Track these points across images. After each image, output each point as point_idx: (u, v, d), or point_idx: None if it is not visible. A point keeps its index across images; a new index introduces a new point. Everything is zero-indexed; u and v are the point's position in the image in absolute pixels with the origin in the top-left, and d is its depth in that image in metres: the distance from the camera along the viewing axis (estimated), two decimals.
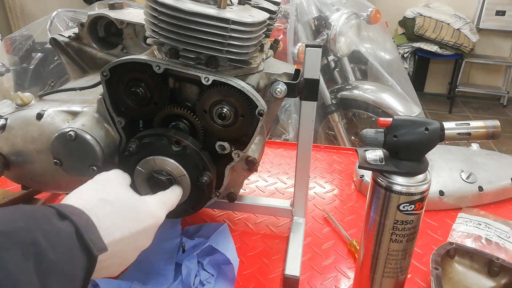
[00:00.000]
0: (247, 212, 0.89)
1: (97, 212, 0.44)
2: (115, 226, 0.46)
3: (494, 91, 4.38)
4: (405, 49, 4.07)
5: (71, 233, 0.39)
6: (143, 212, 0.51)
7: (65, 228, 0.39)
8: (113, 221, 0.46)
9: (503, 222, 0.86)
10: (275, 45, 0.80)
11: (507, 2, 3.94)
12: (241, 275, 0.74)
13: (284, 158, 1.16)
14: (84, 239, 0.39)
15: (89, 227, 0.41)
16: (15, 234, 0.34)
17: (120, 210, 0.48)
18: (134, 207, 0.51)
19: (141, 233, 0.50)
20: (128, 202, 0.51)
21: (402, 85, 2.14)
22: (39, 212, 0.38)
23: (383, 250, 0.59)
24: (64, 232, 0.38)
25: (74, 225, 0.39)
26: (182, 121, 0.67)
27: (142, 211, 0.51)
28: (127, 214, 0.49)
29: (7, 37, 2.55)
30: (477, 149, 1.06)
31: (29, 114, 0.71)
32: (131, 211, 0.50)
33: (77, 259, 0.39)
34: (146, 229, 0.50)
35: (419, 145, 0.54)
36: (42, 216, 0.38)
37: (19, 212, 0.37)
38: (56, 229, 0.38)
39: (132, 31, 0.80)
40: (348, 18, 2.08)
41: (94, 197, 0.47)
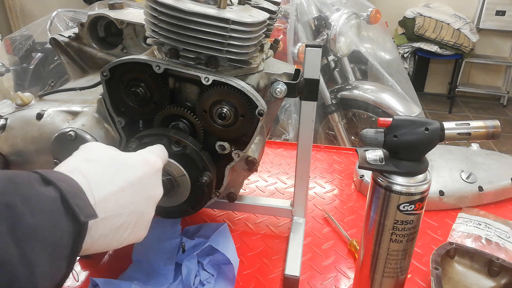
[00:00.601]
0: (247, 212, 0.89)
1: (84, 173, 0.42)
2: (106, 180, 0.44)
3: (494, 91, 4.38)
4: (405, 49, 4.07)
5: (54, 198, 0.37)
6: (135, 161, 0.49)
7: (48, 193, 0.37)
8: (103, 176, 0.44)
9: (503, 222, 0.86)
10: (275, 45, 0.80)
11: (507, 2, 3.94)
12: (241, 275, 0.74)
13: (284, 158, 1.16)
14: (69, 204, 0.37)
15: (76, 192, 0.39)
16: None
17: (108, 165, 0.46)
18: (125, 158, 0.49)
19: (142, 181, 0.47)
20: (115, 156, 0.48)
21: (402, 85, 2.14)
22: (21, 176, 0.37)
23: (383, 250, 0.59)
24: (46, 197, 0.36)
25: (59, 190, 0.37)
26: (182, 121, 0.67)
27: (133, 160, 0.49)
28: (119, 166, 0.47)
29: (7, 37, 2.55)
30: (477, 149, 1.06)
31: (29, 114, 0.71)
32: (122, 162, 0.47)
33: (62, 225, 0.37)
34: (145, 176, 0.48)
35: (419, 145, 0.54)
36: (23, 180, 0.36)
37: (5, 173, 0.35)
38: (37, 194, 0.36)
39: (132, 31, 0.80)
40: (348, 18, 2.08)
41: (79, 159, 0.45)
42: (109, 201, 0.43)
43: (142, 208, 0.47)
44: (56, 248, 0.36)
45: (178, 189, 0.65)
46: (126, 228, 0.45)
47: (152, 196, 0.50)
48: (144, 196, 0.48)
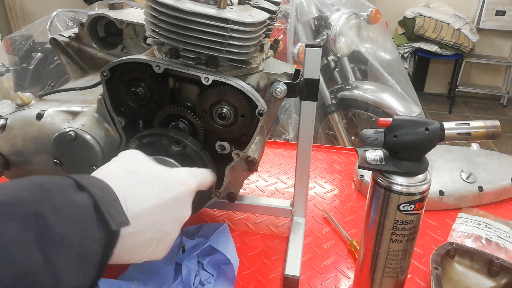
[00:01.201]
0: (247, 212, 0.89)
1: (121, 183, 0.42)
2: (143, 194, 0.44)
3: (494, 91, 4.38)
4: (405, 49, 4.07)
5: (87, 205, 0.37)
6: (172, 178, 0.49)
7: (81, 200, 0.37)
8: (140, 190, 0.44)
9: (503, 222, 0.86)
10: (275, 45, 0.80)
11: (507, 2, 3.95)
12: (241, 275, 0.74)
13: (284, 158, 1.16)
14: (102, 211, 0.37)
15: (110, 200, 0.39)
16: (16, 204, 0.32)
17: (147, 179, 0.46)
18: (162, 174, 0.49)
19: (174, 201, 0.47)
20: (155, 170, 0.49)
21: (402, 85, 2.14)
22: (53, 183, 0.36)
23: (383, 250, 0.59)
24: (77, 204, 0.36)
25: (92, 196, 0.37)
26: (182, 121, 0.67)
27: (171, 177, 0.49)
28: (155, 182, 0.47)
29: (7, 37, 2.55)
30: (477, 149, 1.06)
31: (29, 114, 0.71)
32: (159, 178, 0.48)
33: (92, 233, 0.36)
34: (178, 196, 0.48)
35: (419, 145, 0.53)
36: (55, 187, 0.36)
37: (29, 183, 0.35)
38: (68, 201, 0.36)
39: (132, 31, 0.80)
40: (348, 18, 2.08)
41: (118, 167, 0.46)
42: (140, 216, 0.42)
43: (168, 227, 0.48)
44: (85, 257, 0.36)
45: None
46: (149, 245, 0.45)
47: (180, 217, 0.50)
48: (173, 216, 0.48)
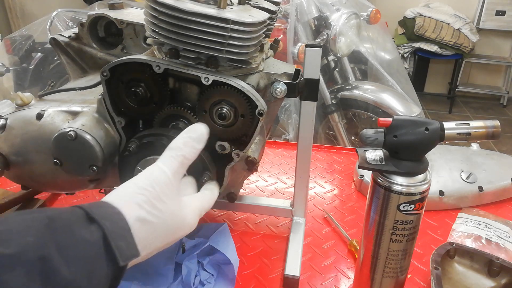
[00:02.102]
0: (247, 212, 0.89)
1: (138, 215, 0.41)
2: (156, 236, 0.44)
3: (494, 91, 4.38)
4: (405, 49, 4.07)
5: (96, 241, 0.36)
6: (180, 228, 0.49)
7: (89, 236, 0.36)
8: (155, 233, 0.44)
9: (503, 222, 0.86)
10: (275, 45, 0.80)
11: (507, 2, 3.95)
12: (241, 275, 0.74)
13: (284, 158, 1.16)
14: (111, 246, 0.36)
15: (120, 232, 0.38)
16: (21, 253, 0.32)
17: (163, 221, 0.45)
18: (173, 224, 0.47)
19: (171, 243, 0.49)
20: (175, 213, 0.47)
21: (402, 85, 2.14)
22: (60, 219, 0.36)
23: (383, 250, 0.59)
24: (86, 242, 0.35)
25: (101, 229, 0.37)
26: (182, 121, 0.67)
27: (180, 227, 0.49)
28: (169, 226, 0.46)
29: (7, 37, 2.55)
30: (477, 149, 1.06)
31: (29, 114, 0.71)
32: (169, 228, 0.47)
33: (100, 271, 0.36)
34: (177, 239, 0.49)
35: (419, 145, 0.54)
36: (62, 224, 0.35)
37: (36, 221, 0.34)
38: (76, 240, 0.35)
39: (132, 31, 0.80)
40: (348, 18, 2.08)
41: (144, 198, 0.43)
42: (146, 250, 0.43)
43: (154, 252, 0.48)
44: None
45: None
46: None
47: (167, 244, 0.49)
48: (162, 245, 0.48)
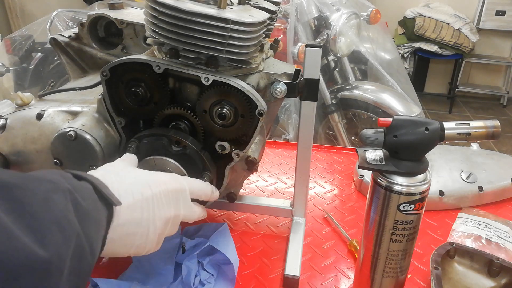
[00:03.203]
0: (247, 212, 0.89)
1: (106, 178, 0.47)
2: (125, 190, 0.48)
3: (494, 91, 4.38)
4: (405, 49, 4.07)
5: (90, 189, 0.43)
6: (159, 177, 0.54)
7: (85, 184, 0.43)
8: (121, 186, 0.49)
9: (503, 222, 0.86)
10: (275, 45, 0.80)
11: (507, 2, 3.95)
12: (241, 275, 0.74)
13: (284, 158, 1.16)
14: (103, 193, 0.44)
15: (103, 185, 0.45)
16: (57, 183, 0.38)
17: (127, 178, 0.51)
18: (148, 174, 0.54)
19: (159, 198, 0.52)
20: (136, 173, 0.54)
21: (402, 85, 2.14)
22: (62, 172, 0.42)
23: (383, 250, 0.59)
24: (86, 187, 0.43)
25: (90, 183, 0.44)
26: (182, 121, 0.67)
27: (158, 176, 0.54)
28: (136, 180, 0.52)
29: (7, 37, 2.55)
30: (477, 149, 1.06)
31: (29, 114, 0.71)
32: (140, 177, 0.53)
33: (101, 210, 0.43)
34: (164, 192, 0.53)
35: (419, 145, 0.53)
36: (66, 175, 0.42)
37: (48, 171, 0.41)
38: (80, 184, 0.42)
39: (132, 31, 0.80)
40: (348, 18, 2.08)
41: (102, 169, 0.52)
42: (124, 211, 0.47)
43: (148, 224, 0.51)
44: (99, 229, 0.43)
45: None
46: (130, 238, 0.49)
47: (163, 216, 0.53)
48: (152, 214, 0.51)
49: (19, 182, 0.35)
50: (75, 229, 0.37)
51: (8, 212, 0.31)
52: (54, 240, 0.33)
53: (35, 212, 0.34)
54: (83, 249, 0.38)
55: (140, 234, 0.50)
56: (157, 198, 0.52)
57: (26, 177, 0.36)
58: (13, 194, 0.33)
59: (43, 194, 0.36)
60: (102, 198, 0.44)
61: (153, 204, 0.51)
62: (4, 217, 0.30)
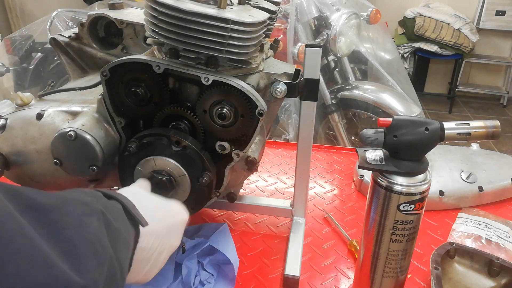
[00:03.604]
0: (247, 212, 0.89)
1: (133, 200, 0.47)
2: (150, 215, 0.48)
3: (494, 91, 4.38)
4: (405, 49, 4.07)
5: (120, 209, 0.43)
6: (174, 207, 0.55)
7: (115, 204, 0.43)
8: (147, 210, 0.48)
9: (503, 222, 0.86)
10: (275, 45, 0.80)
11: (507, 2, 3.94)
12: (241, 275, 0.74)
13: (284, 158, 1.16)
14: (132, 214, 0.44)
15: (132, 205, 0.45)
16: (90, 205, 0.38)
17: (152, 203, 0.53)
18: (165, 203, 0.55)
19: (173, 228, 0.52)
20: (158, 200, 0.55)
21: (402, 85, 2.14)
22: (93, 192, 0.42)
23: (383, 250, 0.59)
24: (116, 208, 0.43)
25: (120, 203, 0.43)
26: (182, 121, 0.67)
27: (173, 206, 0.56)
28: (159, 207, 0.53)
29: (7, 37, 2.55)
30: (477, 149, 1.06)
31: (29, 114, 0.71)
32: (163, 205, 0.54)
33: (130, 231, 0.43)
34: (176, 224, 0.53)
35: (419, 145, 0.53)
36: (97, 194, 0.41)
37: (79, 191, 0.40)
38: (111, 205, 0.42)
39: (132, 31, 0.80)
40: (348, 18, 2.08)
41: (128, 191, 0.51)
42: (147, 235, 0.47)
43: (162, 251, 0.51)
44: (128, 251, 0.42)
45: (178, 189, 0.65)
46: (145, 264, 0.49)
47: (173, 245, 0.53)
48: (169, 244, 0.52)
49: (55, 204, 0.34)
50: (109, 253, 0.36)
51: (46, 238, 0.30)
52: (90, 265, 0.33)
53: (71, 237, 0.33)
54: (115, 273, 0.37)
55: (153, 261, 0.49)
56: (173, 228, 0.53)
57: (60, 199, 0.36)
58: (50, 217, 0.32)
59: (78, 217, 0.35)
60: (131, 218, 0.44)
61: (169, 233, 0.52)
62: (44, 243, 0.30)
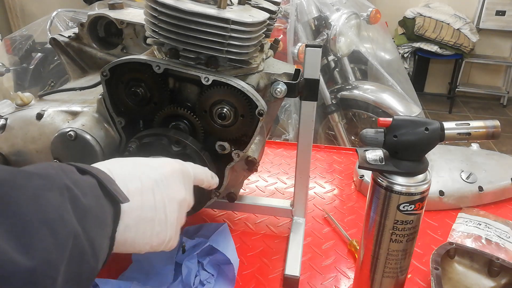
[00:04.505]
0: (247, 212, 0.89)
1: (109, 168, 0.45)
2: (131, 174, 0.46)
3: (494, 91, 4.38)
4: (405, 49, 4.07)
5: (94, 184, 0.40)
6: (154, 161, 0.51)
7: (87, 180, 0.40)
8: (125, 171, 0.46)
9: (503, 222, 0.86)
10: (275, 45, 0.80)
11: (507, 2, 3.94)
12: (241, 275, 0.74)
13: (284, 158, 1.16)
14: (108, 189, 0.41)
15: (109, 180, 0.42)
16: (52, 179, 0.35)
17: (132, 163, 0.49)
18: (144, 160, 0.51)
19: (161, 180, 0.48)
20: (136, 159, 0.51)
21: (402, 85, 2.14)
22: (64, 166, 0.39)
23: (383, 250, 0.59)
24: (89, 183, 0.40)
25: (95, 178, 0.40)
26: (182, 121, 0.67)
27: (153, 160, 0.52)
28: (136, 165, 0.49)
29: (7, 37, 2.55)
30: (477, 149, 1.06)
31: (29, 114, 0.71)
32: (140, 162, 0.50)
33: (105, 208, 0.40)
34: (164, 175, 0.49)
35: (419, 145, 0.53)
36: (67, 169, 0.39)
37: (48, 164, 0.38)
38: (82, 179, 0.39)
39: (132, 31, 0.80)
40: (348, 18, 2.08)
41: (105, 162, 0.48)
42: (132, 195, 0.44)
43: (163, 207, 0.48)
44: (104, 227, 0.39)
45: None
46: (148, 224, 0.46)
47: (174, 197, 0.49)
48: (164, 195, 0.48)
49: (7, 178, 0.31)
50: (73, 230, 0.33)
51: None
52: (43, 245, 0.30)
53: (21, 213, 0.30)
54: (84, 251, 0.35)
55: (159, 220, 0.46)
56: (166, 179, 0.49)
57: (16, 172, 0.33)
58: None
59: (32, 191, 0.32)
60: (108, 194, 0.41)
61: (163, 185, 0.48)
62: None
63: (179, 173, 0.52)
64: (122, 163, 0.49)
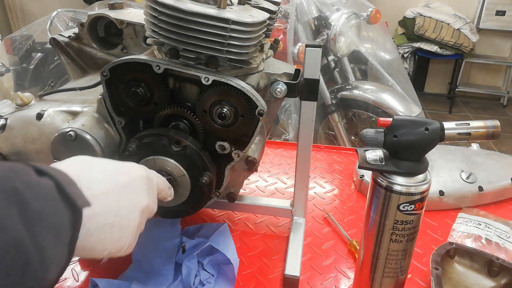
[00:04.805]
0: (247, 212, 0.89)
1: (74, 168, 0.43)
2: (95, 178, 0.44)
3: (494, 91, 4.38)
4: (405, 49, 4.07)
5: (51, 187, 0.37)
6: (121, 165, 0.50)
7: (44, 182, 0.37)
8: (92, 175, 0.44)
9: (503, 222, 0.86)
10: (275, 45, 0.80)
11: (507, 2, 3.94)
12: (241, 275, 0.74)
13: (284, 158, 1.16)
14: (66, 192, 0.38)
15: (69, 182, 0.40)
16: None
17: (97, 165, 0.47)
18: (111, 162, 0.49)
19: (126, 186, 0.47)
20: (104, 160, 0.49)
21: (402, 85, 2.14)
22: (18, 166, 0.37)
23: (383, 250, 0.59)
24: (44, 185, 0.37)
25: (53, 180, 0.38)
26: (182, 121, 0.67)
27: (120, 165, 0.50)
28: (105, 168, 0.47)
29: (7, 37, 2.55)
30: (477, 149, 1.06)
31: (29, 114, 0.71)
32: (108, 165, 0.48)
33: (61, 212, 0.37)
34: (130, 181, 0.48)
35: (419, 145, 0.53)
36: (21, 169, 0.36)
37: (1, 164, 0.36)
38: (36, 182, 0.36)
39: (132, 31, 0.80)
40: (348, 18, 2.08)
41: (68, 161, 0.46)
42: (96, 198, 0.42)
43: (125, 212, 0.46)
44: (59, 234, 0.36)
45: (178, 189, 0.65)
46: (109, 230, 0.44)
47: (137, 204, 0.48)
48: (128, 201, 0.47)
49: None
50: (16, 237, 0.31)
51: None
52: None
53: None
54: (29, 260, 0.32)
55: (119, 225, 0.45)
56: (132, 185, 0.48)
57: None
58: None
59: None
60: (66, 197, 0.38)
61: (129, 191, 0.47)
62: None
63: (145, 180, 0.51)
64: (91, 164, 0.47)
